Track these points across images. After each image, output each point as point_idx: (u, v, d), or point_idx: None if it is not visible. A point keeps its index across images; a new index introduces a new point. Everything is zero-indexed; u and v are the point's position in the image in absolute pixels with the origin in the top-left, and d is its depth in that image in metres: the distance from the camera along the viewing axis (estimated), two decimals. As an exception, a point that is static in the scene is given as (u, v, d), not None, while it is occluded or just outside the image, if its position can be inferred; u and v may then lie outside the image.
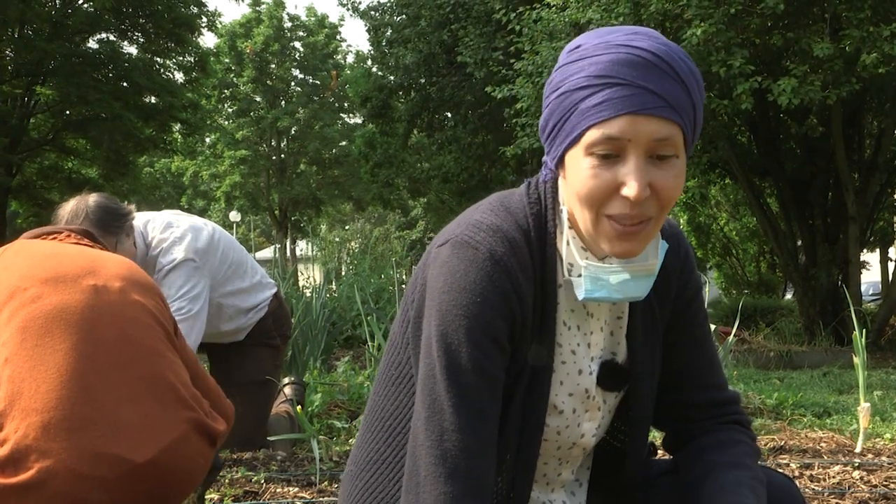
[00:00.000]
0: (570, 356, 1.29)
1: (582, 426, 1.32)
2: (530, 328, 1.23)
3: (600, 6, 10.41)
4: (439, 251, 1.23)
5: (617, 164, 1.16)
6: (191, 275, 3.18)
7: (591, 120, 1.15)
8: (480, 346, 1.17)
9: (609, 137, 1.14)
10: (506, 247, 1.20)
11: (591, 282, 1.22)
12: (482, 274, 1.18)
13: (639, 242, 1.19)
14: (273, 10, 35.00)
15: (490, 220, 1.23)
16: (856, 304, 9.76)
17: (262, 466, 3.15)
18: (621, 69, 1.14)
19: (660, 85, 1.14)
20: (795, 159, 13.13)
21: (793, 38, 9.72)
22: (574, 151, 1.19)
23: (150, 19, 18.47)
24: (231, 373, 3.51)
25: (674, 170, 1.18)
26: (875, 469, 3.10)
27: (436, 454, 1.14)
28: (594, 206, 1.18)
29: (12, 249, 2.14)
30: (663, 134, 1.15)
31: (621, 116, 1.14)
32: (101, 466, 1.78)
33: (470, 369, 1.16)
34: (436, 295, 1.20)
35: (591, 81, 1.15)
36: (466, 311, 1.17)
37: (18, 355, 1.85)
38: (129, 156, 19.77)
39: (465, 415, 1.15)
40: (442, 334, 1.18)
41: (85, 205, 2.75)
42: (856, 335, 3.54)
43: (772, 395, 4.71)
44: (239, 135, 34.08)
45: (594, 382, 1.31)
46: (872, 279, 25.03)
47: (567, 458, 1.34)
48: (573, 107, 1.17)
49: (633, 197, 1.14)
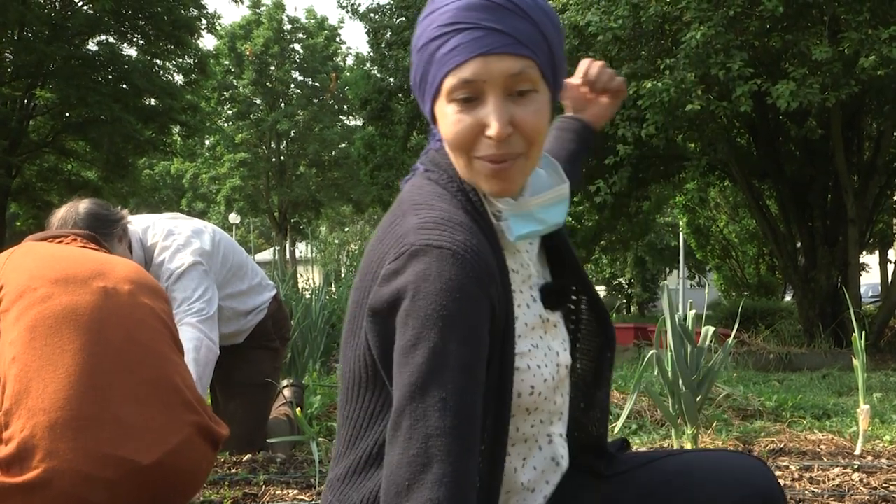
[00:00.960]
0: (517, 296, 1.31)
1: (552, 347, 1.34)
2: (500, 292, 1.22)
3: (599, 9, 10.43)
4: (400, 265, 1.18)
5: (478, 106, 1.19)
6: (203, 278, 3.18)
7: (447, 67, 1.19)
8: (465, 343, 1.14)
9: (465, 81, 1.18)
10: (460, 231, 1.19)
11: (516, 220, 1.26)
12: (455, 269, 1.15)
13: (512, 180, 1.23)
14: (273, 12, 35.01)
15: (428, 216, 1.22)
16: (855, 306, 9.76)
17: (261, 469, 3.16)
18: (469, 13, 1.18)
19: (508, 24, 1.18)
20: (795, 161, 13.14)
21: (792, 40, 9.74)
22: (440, 102, 1.23)
23: (150, 21, 18.46)
24: (230, 375, 3.52)
25: (534, 104, 1.21)
26: (875, 471, 3.10)
27: (421, 462, 1.10)
28: (464, 150, 1.22)
29: (21, 251, 2.15)
30: (517, 69, 1.18)
31: (473, 59, 1.17)
32: (107, 467, 1.79)
33: (456, 369, 1.12)
34: (410, 304, 1.15)
35: (443, 30, 1.19)
36: (447, 310, 1.13)
37: (27, 354, 1.86)
38: (129, 158, 19.75)
39: (450, 418, 1.11)
40: (420, 338, 1.13)
41: (75, 211, 2.75)
42: (855, 337, 3.54)
43: (771, 397, 4.71)
44: (238, 137, 34.09)
45: (542, 307, 1.34)
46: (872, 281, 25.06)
47: (558, 384, 1.35)
48: (430, 58, 1.21)
49: (496, 135, 1.18)
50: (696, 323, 3.83)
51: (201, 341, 3.05)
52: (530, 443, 1.33)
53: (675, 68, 9.68)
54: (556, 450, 1.37)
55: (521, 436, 1.31)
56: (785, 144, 13.10)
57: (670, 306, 3.65)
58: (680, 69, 9.62)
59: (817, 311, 12.10)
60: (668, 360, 3.67)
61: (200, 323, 3.08)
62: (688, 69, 9.59)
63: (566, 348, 1.38)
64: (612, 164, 11.54)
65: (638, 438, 3.83)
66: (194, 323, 3.06)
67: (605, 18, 10.24)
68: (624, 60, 10.71)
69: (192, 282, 3.14)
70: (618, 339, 1.54)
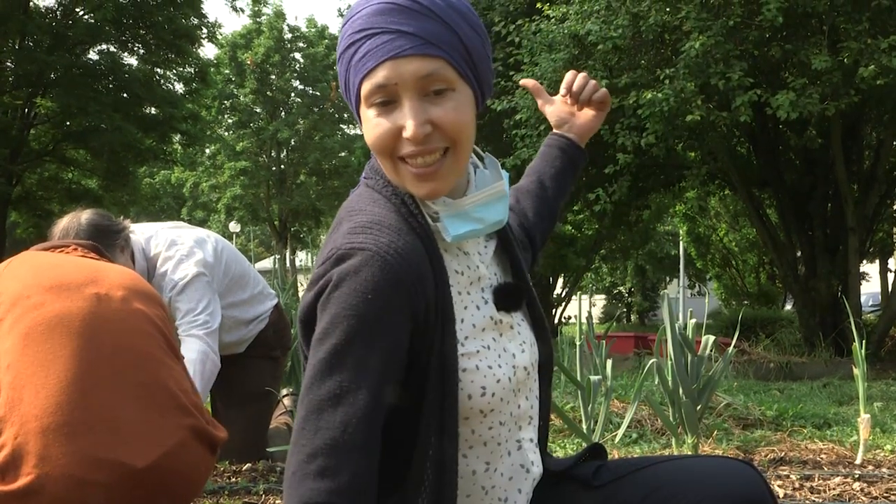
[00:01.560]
0: (465, 298, 1.31)
1: (508, 350, 1.33)
2: (434, 299, 1.22)
3: (599, 18, 10.46)
4: (325, 269, 1.21)
5: (395, 109, 1.21)
6: (206, 289, 3.18)
7: (361, 73, 1.22)
8: (369, 343, 1.15)
9: (378, 86, 1.20)
10: (388, 235, 1.21)
11: (452, 221, 1.27)
12: (374, 270, 1.16)
13: (441, 181, 1.24)
14: (273, 21, 35.07)
15: (360, 220, 1.24)
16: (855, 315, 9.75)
17: (261, 478, 3.15)
18: (377, 18, 1.20)
19: (416, 25, 1.19)
20: (795, 171, 13.15)
21: (791, 50, 9.75)
22: (361, 108, 1.25)
23: (151, 30, 18.48)
24: (231, 384, 3.51)
25: (451, 102, 1.22)
26: (875, 480, 3.10)
27: (307, 452, 1.12)
28: (386, 152, 1.23)
29: (18, 260, 2.16)
30: (427, 70, 1.20)
31: (383, 63, 1.19)
32: (101, 471, 1.78)
33: (354, 368, 1.14)
34: (325, 300, 1.19)
35: (355, 37, 1.22)
36: (356, 309, 1.15)
37: (20, 361, 1.86)
38: (130, 167, 19.75)
39: (340, 415, 1.13)
40: (326, 333, 1.16)
41: (77, 222, 2.75)
42: (856, 346, 3.54)
43: (772, 406, 4.71)
44: (239, 146, 34.11)
45: (494, 309, 1.34)
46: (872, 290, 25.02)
47: (517, 386, 1.34)
48: (348, 65, 1.24)
49: (411, 136, 1.19)
50: (697, 332, 3.83)
51: (206, 355, 3.06)
52: (491, 446, 1.32)
53: (675, 78, 9.70)
54: (526, 455, 1.37)
55: (478, 438, 1.31)
56: (785, 154, 13.12)
57: (670, 315, 3.65)
58: (680, 79, 9.64)
59: (817, 321, 12.09)
60: (668, 370, 3.66)
61: (207, 336, 3.08)
62: (688, 79, 9.61)
63: (526, 350, 1.37)
64: (612, 173, 11.56)
65: (638, 447, 3.83)
66: (201, 336, 3.07)
67: (605, 28, 10.26)
68: (624, 70, 10.74)
69: (196, 293, 3.14)
70: (618, 349, 1.54)
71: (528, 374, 1.37)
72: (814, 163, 12.60)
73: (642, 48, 10.88)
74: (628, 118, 10.50)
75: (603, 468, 1.44)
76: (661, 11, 10.02)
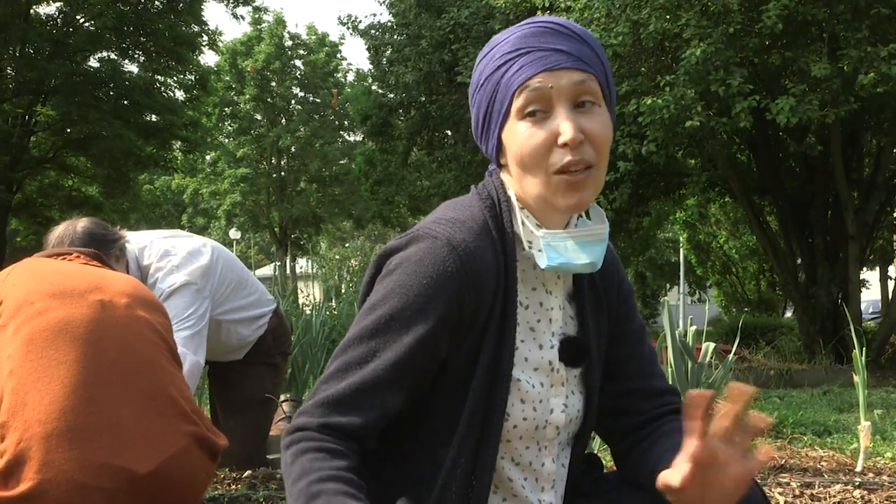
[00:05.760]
0: (528, 333, 1.32)
1: (550, 401, 1.33)
2: (488, 310, 1.26)
3: (599, 25, 10.47)
4: (401, 243, 1.28)
5: (548, 119, 1.24)
6: (194, 297, 3.17)
7: (515, 84, 1.25)
8: (407, 323, 1.22)
9: (534, 90, 1.24)
10: (465, 233, 1.26)
11: (550, 250, 1.28)
12: (437, 258, 1.23)
13: (587, 191, 1.26)
14: (274, 28, 35.13)
15: (449, 214, 1.29)
16: (856, 322, 9.75)
17: (261, 485, 3.15)
18: (530, 39, 1.26)
19: (567, 45, 1.26)
20: (795, 178, 13.16)
21: (791, 57, 9.76)
22: (509, 125, 1.28)
23: (151, 38, 18.49)
24: (231, 391, 3.51)
25: (599, 117, 1.26)
26: (876, 488, 3.09)
27: (323, 393, 1.23)
28: (540, 163, 1.25)
29: (20, 267, 2.16)
30: (581, 77, 1.25)
31: (540, 73, 1.24)
32: (103, 477, 1.79)
33: (387, 341, 1.22)
34: (387, 272, 1.26)
35: (507, 57, 1.27)
36: (409, 290, 1.22)
37: (23, 367, 1.86)
38: (130, 174, 19.73)
39: (359, 375, 1.22)
40: (377, 304, 1.24)
41: (73, 230, 2.74)
42: (856, 354, 3.53)
43: (772, 413, 4.70)
44: (240, 153, 34.15)
45: (556, 356, 1.34)
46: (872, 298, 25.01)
47: (543, 439, 1.34)
48: (496, 86, 1.28)
49: (570, 139, 1.22)
50: (697, 339, 3.83)
51: (184, 356, 3.05)
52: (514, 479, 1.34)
53: (675, 85, 9.71)
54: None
55: (502, 461, 1.32)
56: (785, 161, 13.13)
57: (671, 322, 3.65)
58: (680, 86, 9.65)
59: (818, 328, 12.08)
60: (668, 376, 3.66)
61: (188, 339, 3.07)
62: (688, 86, 9.62)
63: (566, 412, 1.35)
64: (613, 181, 11.57)
65: (639, 455, 3.82)
66: (180, 339, 3.06)
67: (606, 35, 10.27)
68: (624, 77, 10.75)
69: (183, 300, 3.14)
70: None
71: (558, 434, 1.36)
72: (814, 170, 12.60)
73: (642, 55, 10.89)
74: (629, 126, 10.51)
75: (601, 479, 1.45)
76: (662, 19, 10.03)
